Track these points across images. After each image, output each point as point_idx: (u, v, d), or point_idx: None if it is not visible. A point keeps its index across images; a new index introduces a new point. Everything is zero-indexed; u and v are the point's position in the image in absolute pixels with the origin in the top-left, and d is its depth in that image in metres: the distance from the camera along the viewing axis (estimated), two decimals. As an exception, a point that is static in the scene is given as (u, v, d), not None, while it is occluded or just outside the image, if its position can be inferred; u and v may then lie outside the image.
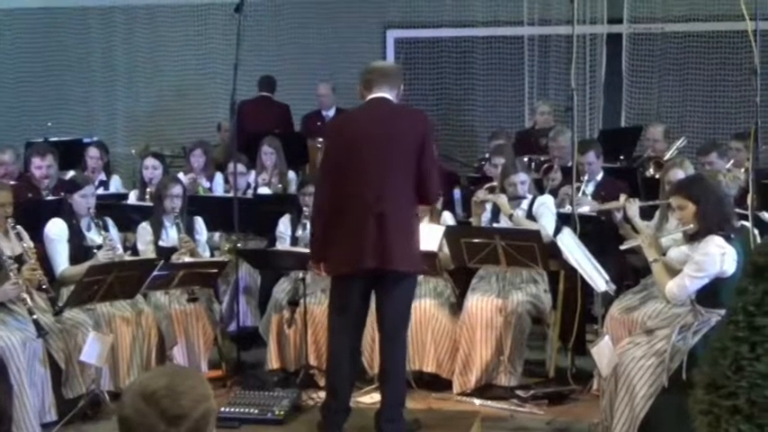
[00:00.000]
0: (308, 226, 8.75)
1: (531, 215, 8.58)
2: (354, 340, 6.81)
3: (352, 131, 6.65)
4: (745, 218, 7.01)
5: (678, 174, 8.05)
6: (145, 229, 8.80)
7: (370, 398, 7.70)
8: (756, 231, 6.92)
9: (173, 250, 8.61)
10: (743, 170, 9.59)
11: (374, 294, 6.73)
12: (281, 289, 8.66)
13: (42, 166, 9.90)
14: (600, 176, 9.60)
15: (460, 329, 8.25)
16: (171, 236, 8.76)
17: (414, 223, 6.69)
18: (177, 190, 8.81)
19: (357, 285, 6.63)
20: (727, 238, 6.27)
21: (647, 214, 8.34)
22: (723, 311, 5.85)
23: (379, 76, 6.68)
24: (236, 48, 8.86)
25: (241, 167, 10.14)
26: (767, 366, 5.12)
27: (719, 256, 6.19)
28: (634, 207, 8.17)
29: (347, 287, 6.67)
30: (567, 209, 8.73)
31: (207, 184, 10.80)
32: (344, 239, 6.58)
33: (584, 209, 8.84)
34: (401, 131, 6.53)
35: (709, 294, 6.27)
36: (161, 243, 8.74)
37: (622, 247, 7.36)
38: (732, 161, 9.93)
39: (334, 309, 6.78)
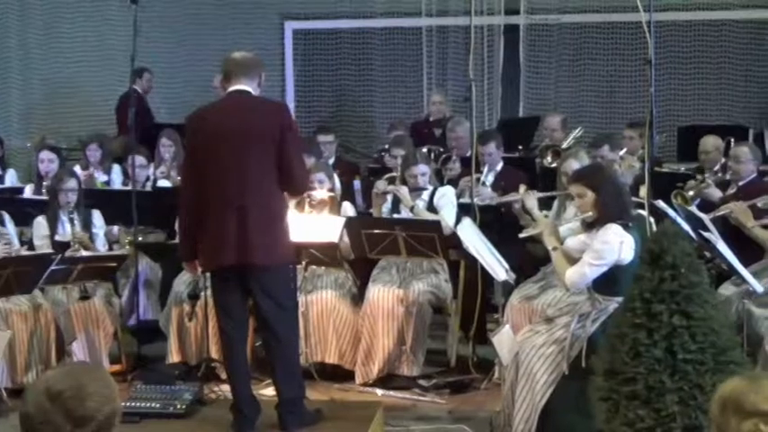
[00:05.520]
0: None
1: (432, 206, 8.62)
2: (242, 336, 6.75)
3: (210, 125, 6.57)
4: (642, 206, 7.11)
5: (573, 165, 8.12)
6: (40, 224, 8.70)
7: (272, 390, 7.67)
8: (652, 220, 7.02)
9: (69, 244, 8.51)
10: (636, 158, 9.74)
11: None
12: (182, 282, 8.59)
13: (-66, 160, 9.72)
14: (499, 166, 9.71)
15: (362, 320, 8.26)
16: (67, 230, 8.66)
17: (279, 215, 6.57)
18: (72, 184, 8.72)
19: (232, 281, 6.56)
20: (626, 227, 6.34)
21: (545, 204, 8.42)
22: (621, 299, 5.92)
23: (236, 68, 6.63)
24: (132, 39, 8.78)
25: (141, 160, 10.05)
26: (664, 352, 5.21)
27: (618, 245, 6.27)
28: (532, 199, 8.24)
29: (223, 283, 6.62)
30: (467, 199, 8.79)
31: (104, 178, 10.68)
32: (208, 235, 6.53)
33: (485, 200, 8.92)
34: (258, 123, 6.48)
35: (608, 282, 6.35)
36: (57, 237, 8.64)
37: (522, 236, 7.42)
38: (625, 149, 10.09)
39: (218, 307, 6.74)
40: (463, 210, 8.44)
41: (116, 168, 10.89)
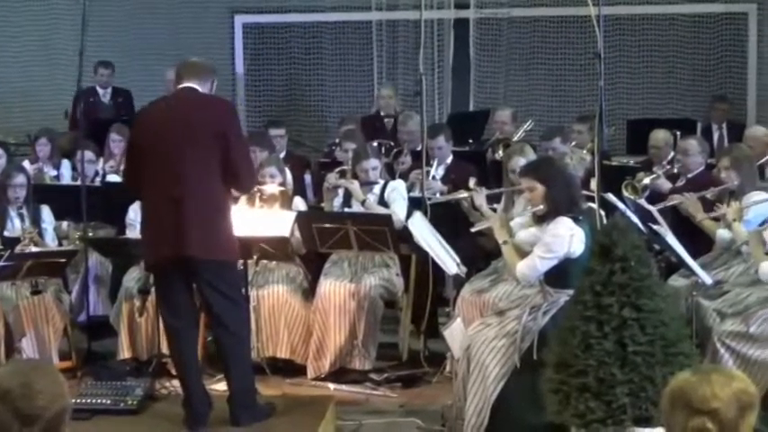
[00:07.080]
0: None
1: (383, 200, 8.62)
2: (190, 331, 6.71)
3: (153, 119, 6.60)
4: (592, 199, 7.14)
5: (520, 161, 8.14)
6: (-12, 219, 8.64)
7: (224, 385, 7.64)
8: (602, 213, 7.05)
9: (18, 240, 8.45)
10: (585, 151, 9.79)
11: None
12: (132, 277, 8.55)
13: None
14: (449, 160, 9.74)
15: (314, 315, 8.26)
16: (16, 226, 8.61)
17: (220, 210, 6.51)
18: (21, 179, 8.67)
19: (174, 275, 6.51)
20: (576, 220, 6.38)
21: (494, 198, 8.44)
22: (572, 292, 5.95)
23: (189, 69, 6.70)
24: (81, 33, 8.72)
25: (90, 155, 9.99)
26: (614, 344, 5.24)
27: (568, 238, 6.30)
28: (480, 196, 8.25)
29: (165, 279, 6.59)
30: (418, 193, 8.82)
31: (53, 173, 10.62)
32: (148, 230, 6.55)
33: (435, 193, 8.94)
34: (201, 117, 6.46)
35: (558, 275, 6.38)
36: (6, 233, 8.59)
37: (473, 230, 7.45)
38: (574, 143, 10.13)
39: (161, 303, 6.73)
40: (414, 204, 8.45)
41: (65, 163, 10.82)
